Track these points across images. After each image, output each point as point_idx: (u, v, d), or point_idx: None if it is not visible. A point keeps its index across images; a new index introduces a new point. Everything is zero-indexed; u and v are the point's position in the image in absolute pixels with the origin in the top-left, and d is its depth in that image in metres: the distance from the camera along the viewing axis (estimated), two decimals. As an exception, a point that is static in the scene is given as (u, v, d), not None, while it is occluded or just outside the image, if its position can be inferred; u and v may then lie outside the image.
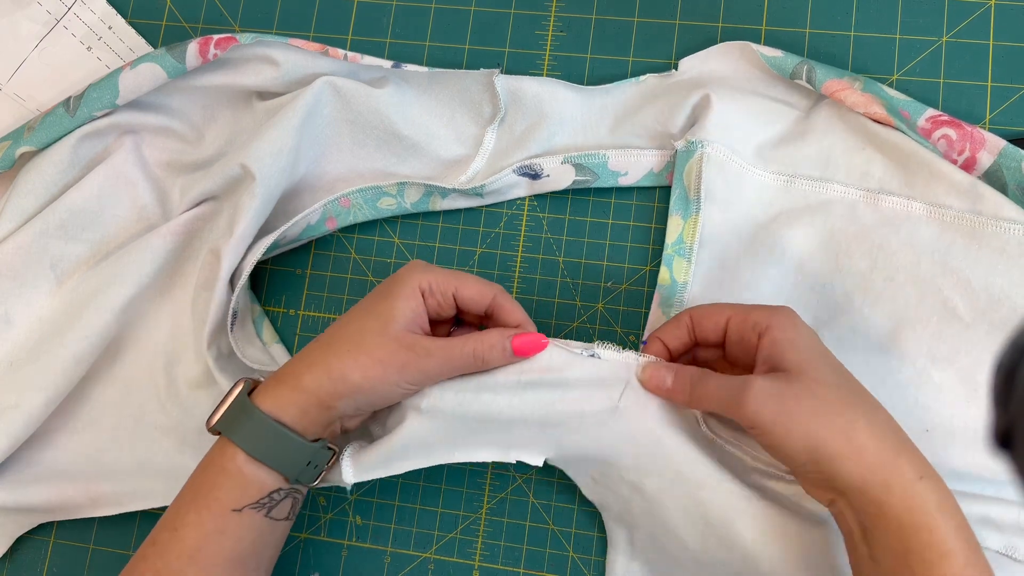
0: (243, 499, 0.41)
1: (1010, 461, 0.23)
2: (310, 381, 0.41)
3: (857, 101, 0.48)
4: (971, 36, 0.51)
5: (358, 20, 0.58)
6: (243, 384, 0.43)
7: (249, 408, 0.41)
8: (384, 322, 0.41)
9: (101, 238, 0.54)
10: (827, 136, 0.49)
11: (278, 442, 0.41)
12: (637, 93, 0.52)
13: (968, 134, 0.47)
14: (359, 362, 0.40)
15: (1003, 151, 0.46)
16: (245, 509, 0.41)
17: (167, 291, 0.54)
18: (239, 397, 0.42)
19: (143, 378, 0.53)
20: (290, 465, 0.41)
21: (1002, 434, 0.23)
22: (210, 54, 0.50)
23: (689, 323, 0.43)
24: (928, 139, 0.47)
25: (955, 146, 0.47)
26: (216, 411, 0.42)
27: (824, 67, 0.49)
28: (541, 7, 0.56)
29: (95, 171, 0.53)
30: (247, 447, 0.41)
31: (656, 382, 0.42)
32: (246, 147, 0.50)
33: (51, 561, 0.54)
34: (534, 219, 0.54)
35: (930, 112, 0.47)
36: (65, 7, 0.59)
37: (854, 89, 0.48)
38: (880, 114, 0.47)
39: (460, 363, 0.42)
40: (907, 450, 0.37)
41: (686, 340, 0.43)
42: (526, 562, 0.50)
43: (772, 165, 0.49)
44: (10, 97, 0.58)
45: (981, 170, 0.46)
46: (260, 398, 0.42)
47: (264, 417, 0.41)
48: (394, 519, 0.52)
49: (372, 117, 0.52)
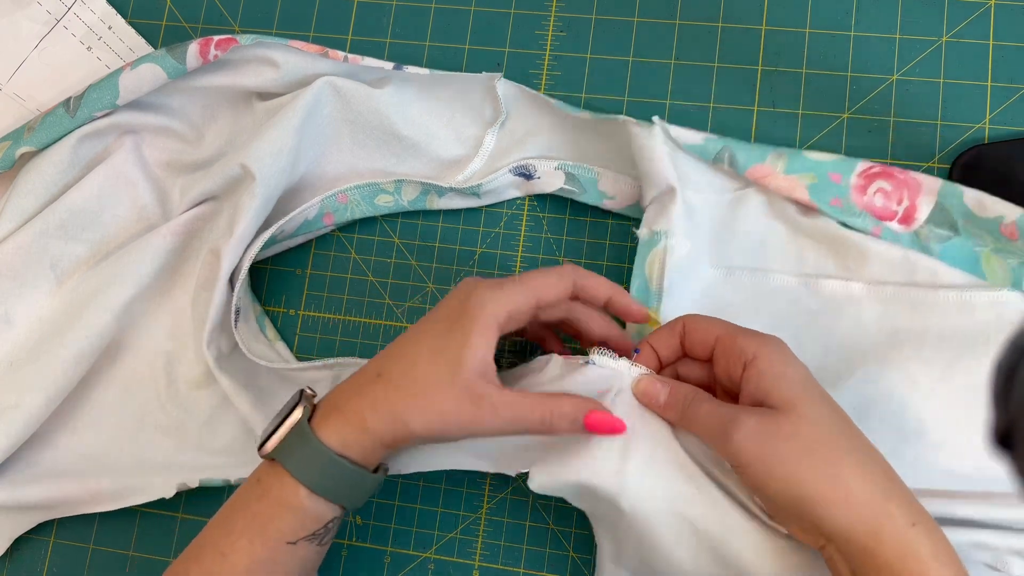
0: (300, 532, 0.40)
1: (1010, 461, 0.23)
2: (375, 423, 0.39)
3: (781, 186, 0.47)
4: (971, 36, 0.51)
5: (358, 20, 0.58)
6: (301, 410, 0.40)
7: (311, 441, 0.39)
8: (453, 369, 0.38)
9: (101, 238, 0.54)
10: (758, 223, 0.49)
11: (345, 479, 0.39)
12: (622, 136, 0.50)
13: (902, 182, 0.47)
14: (422, 412, 0.38)
15: (941, 191, 0.46)
16: (300, 541, 0.40)
17: (167, 291, 0.54)
18: (299, 426, 0.40)
19: (143, 378, 0.53)
20: (353, 499, 0.41)
21: (1002, 434, 0.23)
22: (210, 55, 0.50)
23: (682, 332, 0.42)
24: (864, 194, 0.47)
25: (892, 197, 0.47)
26: (271, 436, 0.40)
27: (745, 150, 0.48)
28: (541, 7, 0.56)
29: (95, 171, 0.53)
30: (311, 483, 0.39)
31: (650, 397, 0.41)
32: (246, 147, 0.50)
33: (51, 561, 0.54)
34: (534, 219, 0.54)
35: (860, 166, 0.47)
36: (65, 7, 0.59)
37: (777, 174, 0.47)
38: (805, 199, 0.47)
39: (524, 427, 0.39)
40: (898, 495, 0.35)
41: (678, 349, 0.42)
42: (526, 562, 0.50)
43: (711, 257, 0.49)
44: (10, 97, 0.59)
45: (924, 215, 0.46)
46: (324, 431, 0.39)
47: (330, 454, 0.39)
48: (394, 519, 0.52)
49: (372, 117, 0.52)
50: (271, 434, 0.40)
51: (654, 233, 0.48)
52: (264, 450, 0.40)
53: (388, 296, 0.54)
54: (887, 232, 0.47)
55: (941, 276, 0.45)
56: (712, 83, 0.53)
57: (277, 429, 0.40)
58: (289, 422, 0.40)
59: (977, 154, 0.49)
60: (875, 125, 0.51)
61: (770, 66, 0.53)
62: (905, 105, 0.51)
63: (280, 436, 0.40)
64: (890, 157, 0.51)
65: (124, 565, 0.53)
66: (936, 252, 0.46)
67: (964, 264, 0.46)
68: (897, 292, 0.46)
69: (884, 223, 0.47)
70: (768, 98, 0.53)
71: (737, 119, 0.53)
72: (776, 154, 0.48)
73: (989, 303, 0.44)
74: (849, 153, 0.51)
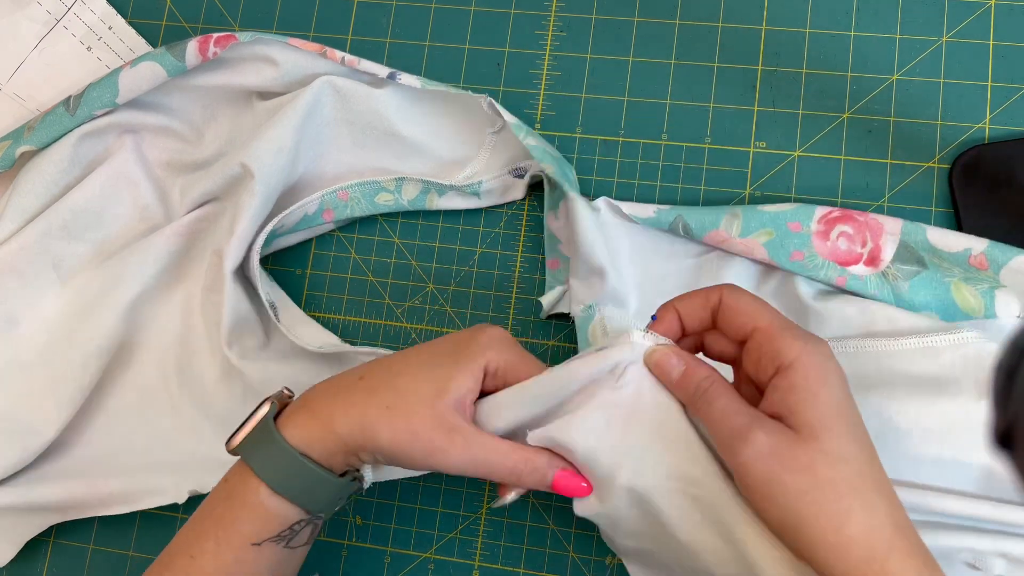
0: (263, 533, 0.39)
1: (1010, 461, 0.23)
2: (343, 426, 0.38)
3: (740, 249, 0.47)
4: (971, 36, 0.51)
5: (358, 20, 0.58)
6: (269, 406, 0.39)
7: (275, 437, 0.38)
8: (436, 391, 0.37)
9: (104, 238, 0.54)
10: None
11: (305, 478, 0.38)
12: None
13: (863, 225, 0.47)
14: (393, 425, 0.37)
15: (904, 229, 0.46)
16: (265, 542, 0.39)
17: (172, 293, 0.54)
18: (264, 422, 0.39)
19: (154, 382, 0.53)
20: (315, 502, 0.39)
21: (1002, 434, 0.23)
22: (209, 52, 0.50)
23: (716, 305, 0.37)
24: (827, 240, 0.47)
25: (855, 240, 0.47)
26: (238, 432, 0.39)
27: (697, 217, 0.48)
28: (541, 7, 0.56)
29: (97, 171, 0.53)
30: (271, 481, 0.38)
31: (663, 371, 0.37)
32: (246, 146, 0.50)
33: (51, 561, 0.54)
34: (534, 219, 0.54)
35: (819, 212, 0.47)
36: (65, 7, 0.59)
37: (732, 239, 0.47)
38: (764, 260, 0.47)
39: (491, 471, 0.38)
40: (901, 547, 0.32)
41: (707, 322, 0.38)
42: (526, 562, 0.50)
43: None
44: (10, 97, 0.58)
45: (889, 255, 0.46)
46: (288, 427, 0.38)
47: (290, 451, 0.38)
48: (394, 519, 0.52)
49: (372, 117, 0.52)
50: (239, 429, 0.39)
51: (587, 307, 0.48)
52: (230, 445, 0.39)
53: (388, 296, 0.54)
54: (852, 280, 0.46)
55: (900, 323, 0.45)
56: (712, 83, 0.53)
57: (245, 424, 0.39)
58: (256, 418, 0.39)
59: (977, 154, 0.49)
60: (875, 125, 0.51)
61: (770, 66, 0.53)
62: (905, 105, 0.51)
63: (246, 432, 0.39)
64: (890, 157, 0.51)
65: (124, 565, 0.53)
66: (905, 288, 0.46)
67: (935, 295, 0.46)
68: (860, 345, 0.46)
69: (848, 269, 0.47)
70: (768, 98, 0.53)
71: (737, 119, 0.53)
72: (730, 215, 0.48)
73: (952, 345, 0.44)
74: (849, 153, 0.51)
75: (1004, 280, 0.45)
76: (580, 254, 0.48)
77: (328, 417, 0.38)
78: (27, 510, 0.50)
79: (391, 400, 0.38)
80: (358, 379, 0.39)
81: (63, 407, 0.50)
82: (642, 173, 0.53)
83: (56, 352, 0.51)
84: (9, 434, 0.50)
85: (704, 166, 0.52)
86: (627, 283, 0.49)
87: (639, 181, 0.53)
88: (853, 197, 0.51)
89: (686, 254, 0.50)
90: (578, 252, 0.48)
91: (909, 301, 0.46)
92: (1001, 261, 0.45)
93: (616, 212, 0.49)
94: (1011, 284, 0.45)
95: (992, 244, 0.45)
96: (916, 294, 0.46)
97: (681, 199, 0.52)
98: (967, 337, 0.44)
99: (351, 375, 0.40)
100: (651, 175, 0.53)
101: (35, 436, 0.50)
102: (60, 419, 0.50)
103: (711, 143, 0.53)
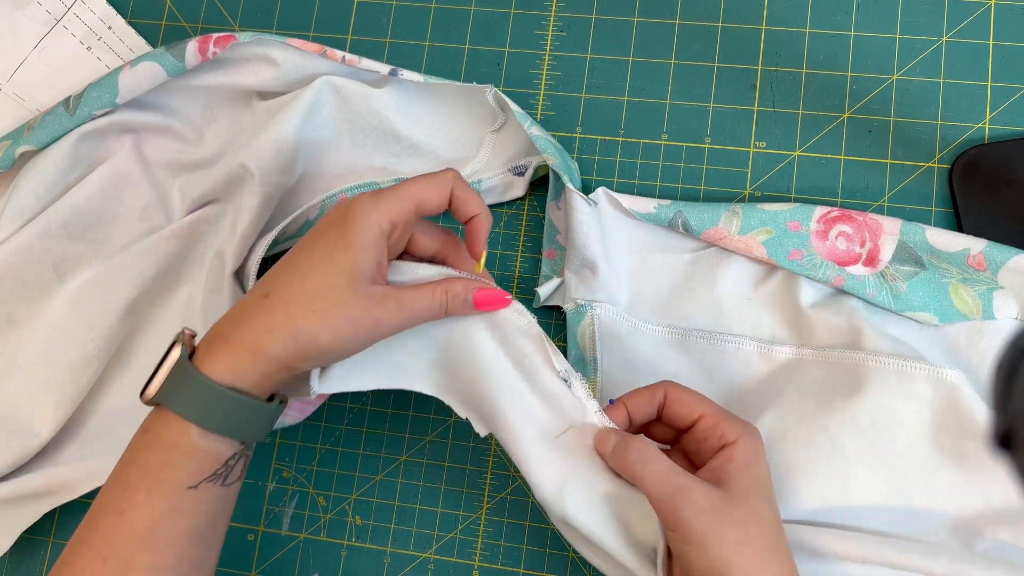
0: (199, 474, 0.38)
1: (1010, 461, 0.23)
2: (274, 346, 0.38)
3: (738, 247, 0.48)
4: (971, 36, 0.51)
5: (358, 20, 0.58)
6: (180, 348, 0.38)
7: (197, 377, 0.37)
8: (350, 278, 0.38)
9: (104, 238, 0.54)
10: (716, 285, 0.49)
11: (237, 411, 0.38)
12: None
13: (863, 225, 0.47)
14: (330, 324, 0.38)
15: (902, 229, 0.47)
16: (201, 484, 0.38)
17: (172, 294, 0.54)
18: (180, 365, 0.38)
19: None
20: (248, 432, 0.39)
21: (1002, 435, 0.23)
22: (209, 52, 0.50)
23: (662, 401, 0.42)
24: (826, 240, 0.47)
25: (854, 240, 0.47)
26: (152, 380, 0.38)
27: (697, 214, 0.48)
28: (541, 7, 0.56)
29: (97, 171, 0.53)
30: (201, 421, 0.37)
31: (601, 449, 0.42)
32: (246, 146, 0.50)
33: (51, 561, 0.54)
34: (534, 219, 0.54)
35: (818, 212, 0.47)
36: (65, 7, 0.59)
37: (731, 236, 0.48)
38: (763, 257, 0.47)
39: (426, 316, 0.40)
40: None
41: (652, 415, 0.43)
42: (526, 562, 0.50)
43: (665, 319, 0.50)
44: (10, 97, 0.58)
45: (888, 255, 0.47)
46: (209, 364, 0.38)
47: (216, 387, 0.37)
48: (394, 519, 0.52)
49: (371, 117, 0.52)
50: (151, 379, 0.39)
51: (578, 305, 0.49)
52: (146, 396, 0.38)
53: (388, 296, 0.54)
54: (851, 280, 0.47)
55: (883, 343, 0.45)
56: (712, 83, 0.53)
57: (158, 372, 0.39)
58: (168, 362, 0.38)
59: (977, 154, 0.49)
60: (875, 125, 0.51)
61: (770, 66, 0.53)
62: (905, 105, 0.51)
63: (161, 378, 0.38)
64: (890, 157, 0.51)
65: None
66: (903, 289, 0.46)
67: (932, 296, 0.46)
68: (842, 356, 0.46)
69: (847, 270, 0.47)
70: (768, 98, 0.53)
71: (737, 119, 0.53)
72: (730, 213, 0.48)
73: (927, 377, 0.44)
74: (849, 153, 0.51)
75: (1002, 281, 0.45)
76: (574, 247, 0.48)
77: (253, 343, 0.38)
78: (19, 498, 0.50)
79: (314, 305, 0.38)
80: (264, 297, 0.39)
81: (61, 407, 0.50)
82: (642, 173, 0.53)
83: (55, 352, 0.51)
84: (8, 434, 0.50)
85: (704, 166, 0.52)
86: (620, 278, 0.50)
87: (639, 181, 0.53)
88: (853, 197, 0.51)
89: (682, 249, 0.50)
90: (572, 245, 0.48)
91: (907, 301, 0.46)
92: (999, 261, 0.45)
93: (615, 205, 0.49)
94: (1009, 285, 0.45)
95: (990, 244, 0.45)
96: (914, 294, 0.46)
97: (681, 199, 0.52)
98: (948, 375, 0.44)
99: (253, 296, 0.39)
100: (651, 175, 0.53)
101: (33, 436, 0.50)
102: (57, 419, 0.50)
103: (711, 143, 0.53)
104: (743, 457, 0.39)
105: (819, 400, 0.46)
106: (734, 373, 0.48)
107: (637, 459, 0.39)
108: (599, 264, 0.48)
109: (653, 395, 0.43)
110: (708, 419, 0.41)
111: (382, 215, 0.39)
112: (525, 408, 0.42)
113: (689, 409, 0.41)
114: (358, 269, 0.38)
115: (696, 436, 0.41)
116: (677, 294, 0.50)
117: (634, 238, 0.50)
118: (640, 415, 0.43)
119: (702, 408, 0.41)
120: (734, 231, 0.48)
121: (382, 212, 0.39)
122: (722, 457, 0.40)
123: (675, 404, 0.42)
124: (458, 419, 0.52)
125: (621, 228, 0.50)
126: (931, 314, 0.46)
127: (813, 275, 0.47)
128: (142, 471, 0.38)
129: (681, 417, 0.42)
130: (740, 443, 0.40)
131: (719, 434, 0.40)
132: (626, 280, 0.50)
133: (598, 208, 0.48)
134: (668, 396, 0.42)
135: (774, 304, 0.48)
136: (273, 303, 0.38)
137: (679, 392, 0.42)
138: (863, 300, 0.47)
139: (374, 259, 0.39)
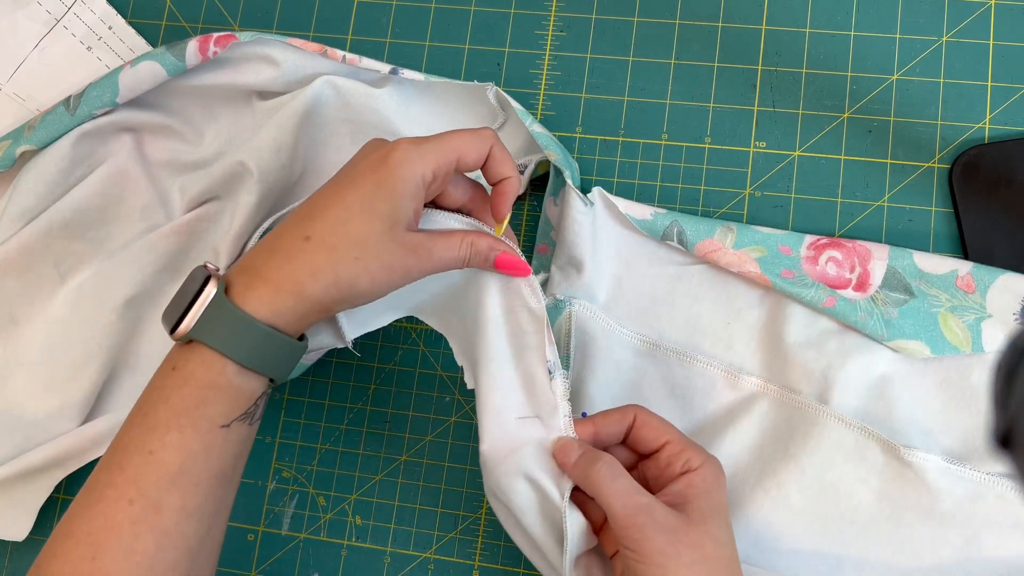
0: (233, 412, 0.38)
1: (1010, 461, 0.23)
2: (315, 289, 0.38)
3: (731, 261, 0.48)
4: (971, 36, 0.51)
5: (358, 20, 0.58)
6: (216, 284, 0.38)
7: (239, 315, 0.37)
8: (390, 224, 0.39)
9: (105, 236, 0.54)
10: (696, 303, 0.49)
11: (274, 349, 0.39)
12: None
13: (852, 251, 0.47)
14: (369, 270, 0.39)
15: (891, 255, 0.47)
16: (233, 423, 0.38)
17: (172, 291, 0.54)
18: (217, 301, 0.38)
19: None
20: (284, 369, 0.40)
21: (1002, 435, 0.23)
22: (210, 52, 0.50)
23: (631, 423, 0.43)
24: (816, 264, 0.47)
25: (844, 265, 0.47)
26: (187, 315, 0.38)
27: (694, 225, 0.48)
28: (541, 7, 0.56)
29: (97, 170, 0.53)
30: (241, 358, 0.38)
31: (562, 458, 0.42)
32: (246, 145, 0.50)
33: (51, 561, 0.54)
34: (534, 219, 0.54)
35: (809, 239, 0.48)
36: (65, 7, 0.59)
37: (726, 249, 0.48)
38: (755, 272, 0.47)
39: (453, 265, 0.42)
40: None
41: (619, 438, 0.44)
42: (526, 562, 0.50)
43: (642, 327, 0.50)
44: (10, 97, 0.58)
45: (878, 280, 0.47)
46: (250, 303, 0.38)
47: (260, 326, 0.38)
48: (394, 519, 0.52)
49: (371, 117, 0.52)
50: (182, 316, 0.38)
51: (558, 300, 0.49)
52: (179, 332, 0.38)
53: (388, 296, 0.54)
54: (841, 302, 0.47)
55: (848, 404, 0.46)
56: (712, 83, 0.53)
57: (188, 310, 0.38)
58: (203, 298, 0.38)
59: (977, 154, 0.49)
60: (875, 125, 0.51)
61: (770, 66, 0.53)
62: (905, 105, 0.51)
63: (196, 314, 0.38)
64: (890, 157, 0.51)
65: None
66: (895, 315, 0.46)
67: (923, 326, 0.46)
68: (805, 404, 0.46)
69: (839, 292, 0.47)
70: (768, 98, 0.53)
71: (737, 119, 0.53)
72: (725, 228, 0.48)
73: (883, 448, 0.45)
74: (849, 153, 0.51)
75: (990, 305, 0.46)
76: (564, 243, 0.48)
77: (296, 284, 0.38)
78: (26, 473, 0.50)
79: (356, 251, 0.39)
80: (304, 240, 0.39)
81: (64, 406, 0.50)
82: (642, 173, 0.53)
83: (57, 351, 0.51)
84: (11, 432, 0.50)
85: (704, 166, 0.52)
86: (603, 280, 0.50)
87: (639, 181, 0.53)
88: (853, 197, 0.51)
89: (670, 262, 0.50)
90: (562, 241, 0.48)
91: (899, 328, 0.46)
92: (987, 281, 0.46)
93: (609, 208, 0.49)
94: (997, 311, 0.45)
95: (976, 265, 0.46)
96: (905, 322, 0.46)
97: (681, 199, 0.52)
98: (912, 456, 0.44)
99: (292, 237, 0.39)
100: (651, 175, 0.53)
101: (35, 435, 0.50)
102: (60, 417, 0.50)
103: (711, 143, 0.53)
104: (703, 484, 0.40)
105: (776, 444, 0.46)
106: (697, 392, 0.48)
107: (607, 474, 0.40)
108: (586, 263, 0.48)
109: (623, 417, 0.43)
110: (674, 445, 0.42)
111: (426, 166, 0.39)
112: (503, 377, 0.43)
113: (657, 434, 0.42)
114: (397, 217, 0.39)
115: (659, 462, 0.42)
116: (656, 305, 0.50)
117: (623, 244, 0.50)
118: (607, 436, 0.43)
119: (669, 434, 0.42)
120: (729, 244, 0.48)
121: (427, 163, 0.39)
122: (683, 482, 0.40)
123: (643, 428, 0.43)
124: (458, 419, 0.52)
125: (612, 232, 0.50)
126: (922, 343, 0.46)
127: (805, 295, 0.47)
128: (174, 410, 0.37)
129: (648, 441, 0.42)
130: (702, 470, 0.41)
131: (683, 460, 0.41)
132: (609, 283, 0.50)
133: (593, 208, 0.48)
134: (637, 420, 0.43)
135: (752, 334, 0.49)
136: (317, 246, 0.39)
137: (648, 417, 0.43)
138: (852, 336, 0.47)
139: (413, 208, 0.40)
